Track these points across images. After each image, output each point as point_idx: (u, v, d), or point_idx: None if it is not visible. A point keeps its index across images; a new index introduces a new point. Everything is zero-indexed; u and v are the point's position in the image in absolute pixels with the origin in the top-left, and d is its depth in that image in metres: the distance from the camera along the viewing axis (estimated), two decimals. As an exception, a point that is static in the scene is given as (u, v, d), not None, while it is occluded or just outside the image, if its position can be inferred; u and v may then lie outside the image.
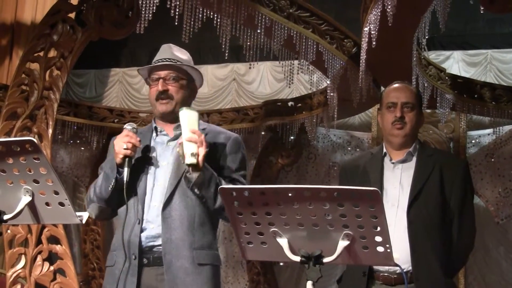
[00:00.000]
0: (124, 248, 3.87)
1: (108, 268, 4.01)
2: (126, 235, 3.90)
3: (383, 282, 4.29)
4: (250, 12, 6.99)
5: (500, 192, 10.03)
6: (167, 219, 3.89)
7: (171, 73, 4.13)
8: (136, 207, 3.95)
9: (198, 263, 3.89)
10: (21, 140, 3.04)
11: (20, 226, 6.28)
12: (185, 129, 3.80)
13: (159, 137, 4.16)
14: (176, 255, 3.85)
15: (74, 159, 11.61)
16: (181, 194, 3.93)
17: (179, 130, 4.06)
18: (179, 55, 4.20)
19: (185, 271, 3.85)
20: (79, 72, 11.71)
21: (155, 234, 3.90)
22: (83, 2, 6.97)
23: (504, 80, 9.94)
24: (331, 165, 10.78)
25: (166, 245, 3.87)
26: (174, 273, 3.83)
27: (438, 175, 4.42)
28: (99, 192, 4.00)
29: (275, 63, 10.40)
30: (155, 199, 3.97)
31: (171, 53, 4.19)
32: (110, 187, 3.92)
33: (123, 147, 3.87)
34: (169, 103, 4.10)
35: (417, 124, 4.57)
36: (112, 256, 3.99)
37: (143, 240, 3.89)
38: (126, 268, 3.86)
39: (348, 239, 2.95)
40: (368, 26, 6.48)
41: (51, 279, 6.30)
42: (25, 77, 6.69)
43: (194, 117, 3.86)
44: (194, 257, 3.88)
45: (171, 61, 4.13)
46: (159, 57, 4.19)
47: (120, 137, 3.94)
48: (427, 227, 4.31)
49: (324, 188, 2.88)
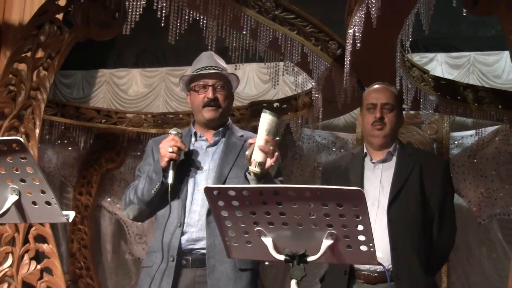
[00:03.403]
0: (162, 250, 3.92)
1: (145, 269, 4.05)
2: (167, 237, 3.95)
3: (364, 281, 4.31)
4: (236, 14, 6.99)
5: (482, 192, 10.07)
6: (211, 224, 3.90)
7: (219, 82, 4.18)
8: (178, 210, 3.98)
9: (240, 268, 3.95)
10: (8, 140, 3.03)
11: (7, 225, 6.27)
12: (261, 135, 3.78)
13: (198, 142, 4.22)
14: (220, 260, 3.89)
15: (61, 159, 11.60)
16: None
17: (218, 137, 4.19)
18: (222, 64, 4.25)
19: (227, 276, 3.90)
20: (67, 72, 11.69)
21: (196, 237, 3.95)
22: (70, 3, 6.96)
23: (487, 82, 9.98)
24: (316, 165, 10.79)
25: (210, 250, 3.92)
26: (217, 277, 3.89)
27: (418, 174, 4.44)
28: (141, 194, 4.04)
29: (260, 65, 10.40)
30: (196, 203, 4.01)
31: (215, 61, 4.23)
32: (154, 190, 3.97)
33: (169, 151, 3.90)
34: (216, 112, 4.16)
35: (396, 125, 4.59)
36: (151, 257, 4.02)
37: (183, 243, 3.94)
38: (162, 269, 3.91)
39: (332, 238, 2.95)
40: (353, 28, 6.49)
41: (38, 278, 6.29)
42: (12, 77, 6.68)
43: (274, 125, 3.83)
44: (236, 262, 3.93)
45: (217, 69, 4.17)
46: (203, 64, 4.22)
47: (166, 141, 3.97)
48: (407, 226, 4.33)
49: (308, 188, 2.88)
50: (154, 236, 4.09)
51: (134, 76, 11.62)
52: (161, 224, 4.00)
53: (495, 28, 9.53)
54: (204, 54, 4.31)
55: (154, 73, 11.30)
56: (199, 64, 4.21)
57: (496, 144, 10.10)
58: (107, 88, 11.94)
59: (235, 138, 4.20)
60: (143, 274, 4.05)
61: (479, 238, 10.06)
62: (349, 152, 5.00)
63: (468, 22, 9.85)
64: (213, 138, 4.18)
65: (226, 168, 4.05)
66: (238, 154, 4.11)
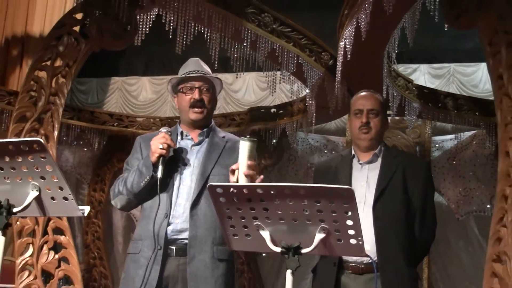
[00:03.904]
0: (154, 239, 3.93)
1: (131, 255, 4.03)
2: (156, 227, 3.96)
3: (352, 271, 4.30)
4: (237, 27, 7.01)
5: (460, 191, 10.08)
6: (194, 217, 3.95)
7: (204, 84, 4.20)
8: (165, 203, 3.99)
9: (218, 258, 3.96)
10: (29, 141, 3.04)
11: (28, 218, 6.26)
12: (243, 160, 3.69)
13: (183, 140, 4.21)
14: (199, 250, 3.92)
15: (77, 159, 11.59)
16: (206, 196, 3.96)
17: (202, 137, 4.20)
18: (207, 69, 4.28)
19: (205, 265, 3.91)
20: (82, 80, 11.70)
21: (180, 228, 3.95)
22: (86, 17, 6.97)
23: (465, 91, 9.99)
24: (309, 166, 10.78)
25: (192, 240, 3.93)
26: (196, 266, 3.90)
27: (401, 174, 4.44)
28: (130, 186, 4.03)
29: (259, 74, 10.40)
30: (181, 197, 4.02)
31: (201, 66, 4.26)
32: (144, 182, 3.97)
33: (159, 147, 3.92)
34: (202, 112, 4.18)
35: (382, 129, 4.58)
36: (137, 244, 4.01)
37: (169, 233, 3.94)
38: (149, 256, 3.92)
39: (324, 232, 2.95)
40: (344, 40, 6.49)
41: (56, 267, 6.29)
42: (33, 84, 6.67)
43: (253, 149, 3.73)
44: (214, 253, 3.95)
45: (203, 73, 4.20)
46: (191, 68, 4.24)
47: (157, 138, 3.98)
48: (391, 222, 4.32)
49: (303, 186, 2.88)
50: (139, 225, 4.09)
51: (144, 83, 11.63)
52: (149, 215, 4.01)
53: (473, 41, 9.53)
54: (191, 60, 4.34)
55: (162, 80, 11.30)
56: (186, 69, 4.23)
57: (473, 148, 10.10)
58: (119, 94, 11.94)
59: (218, 139, 4.21)
60: (129, 261, 4.04)
61: (457, 233, 10.07)
62: (339, 154, 5.01)
63: (448, 36, 9.85)
64: (198, 137, 4.19)
65: (209, 165, 4.07)
66: (220, 153, 4.13)
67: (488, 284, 5.17)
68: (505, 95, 5.37)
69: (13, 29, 10.70)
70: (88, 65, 7.39)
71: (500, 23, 5.48)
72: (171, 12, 6.83)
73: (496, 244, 5.20)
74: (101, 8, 6.94)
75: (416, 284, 4.44)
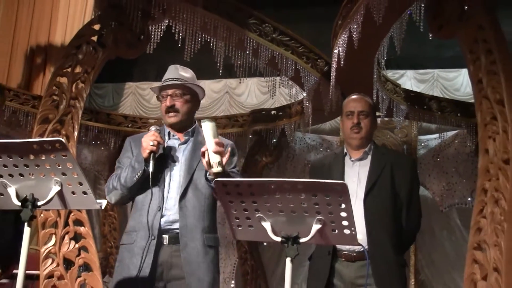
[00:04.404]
0: (148, 230, 3.94)
1: (126, 246, 4.04)
2: (149, 219, 3.97)
3: (345, 259, 4.32)
4: (240, 37, 7.01)
5: (444, 186, 10.08)
6: (183, 208, 3.98)
7: (176, 91, 4.18)
8: (158, 197, 4.01)
9: (208, 245, 3.99)
10: (52, 140, 3.06)
11: (51, 211, 6.26)
12: (210, 140, 3.78)
13: (171, 140, 4.22)
14: (191, 238, 3.95)
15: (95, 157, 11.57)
16: (193, 188, 4.02)
17: (188, 136, 4.22)
18: (183, 74, 4.25)
19: (197, 251, 3.94)
20: (100, 85, 11.69)
21: (172, 219, 3.97)
22: (103, 28, 6.96)
23: (448, 94, 9.99)
24: (306, 163, 10.77)
25: (183, 230, 3.95)
26: (189, 252, 3.92)
27: (389, 171, 4.45)
28: (123, 181, 4.04)
29: (260, 79, 10.39)
30: (172, 191, 4.03)
31: (177, 73, 4.24)
32: (136, 177, 3.98)
33: (150, 144, 3.93)
34: (176, 116, 4.17)
35: (371, 129, 4.59)
36: (131, 236, 4.01)
37: (162, 224, 3.96)
38: (142, 246, 3.93)
39: (320, 223, 2.95)
40: (338, 48, 6.49)
41: (76, 255, 6.28)
42: (55, 89, 6.67)
43: (215, 128, 3.84)
44: (204, 240, 3.98)
45: (177, 80, 4.18)
46: (167, 76, 4.24)
47: (148, 136, 3.99)
48: (380, 214, 4.34)
49: (301, 181, 2.89)
50: (132, 217, 4.09)
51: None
52: (141, 208, 4.02)
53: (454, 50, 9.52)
54: (169, 67, 4.34)
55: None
56: (164, 77, 4.26)
57: (455, 146, 10.09)
58: (132, 98, 11.94)
59: (201, 137, 4.15)
60: (123, 251, 4.04)
61: (441, 223, 10.06)
62: (333, 152, 5.01)
63: (432, 44, 9.84)
64: (184, 137, 4.21)
65: (194, 162, 4.08)
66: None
67: (469, 270, 5.17)
68: (485, 97, 5.37)
69: (37, 39, 10.71)
70: (105, 71, 7.39)
71: (479, 33, 5.48)
72: (180, 23, 6.83)
73: (477, 234, 5.20)
74: (117, 19, 6.94)
75: (404, 270, 4.46)
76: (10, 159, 3.11)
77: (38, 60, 10.65)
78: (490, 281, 4.92)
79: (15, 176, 3.18)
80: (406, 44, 6.52)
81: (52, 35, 10.77)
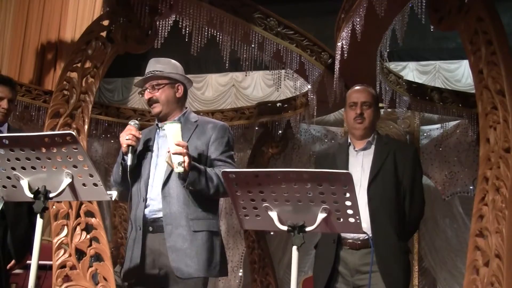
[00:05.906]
0: (131, 222, 4.03)
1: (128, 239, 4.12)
2: (134, 211, 4.05)
3: (349, 247, 4.34)
4: (246, 31, 7.00)
5: (446, 175, 10.05)
6: (166, 197, 3.99)
7: (152, 83, 4.26)
8: (140, 188, 4.05)
9: (194, 230, 3.96)
10: (63, 134, 3.07)
11: (62, 203, 6.27)
12: (171, 142, 3.83)
13: (161, 132, 4.24)
14: (176, 225, 3.95)
15: (105, 150, 11.57)
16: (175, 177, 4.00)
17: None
18: (158, 65, 4.31)
19: (183, 237, 3.93)
20: (109, 79, 11.68)
21: (157, 208, 4.00)
22: (112, 24, 6.96)
23: (449, 85, 9.94)
24: (311, 154, 10.75)
25: (167, 218, 3.96)
26: (174, 239, 3.93)
27: (392, 159, 4.45)
28: (115, 178, 4.17)
29: (266, 72, 10.36)
30: (157, 181, 4.06)
31: (152, 66, 4.31)
32: (120, 171, 4.05)
33: (126, 138, 4.02)
34: (157, 107, 4.25)
35: (374, 119, 4.59)
36: (129, 228, 4.11)
37: (147, 214, 4.00)
38: (132, 237, 4.02)
39: (325, 212, 2.96)
40: (341, 41, 6.47)
41: (88, 245, 6.29)
42: (66, 83, 6.67)
43: (177, 130, 3.87)
44: (190, 226, 3.96)
45: (151, 73, 4.26)
46: (146, 71, 4.32)
47: (124, 132, 4.08)
48: (384, 202, 4.34)
49: (306, 171, 2.89)
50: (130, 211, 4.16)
51: (163, 82, 11.57)
52: (133, 201, 4.10)
53: (456, 41, 9.50)
54: (149, 61, 4.39)
55: (180, 79, 11.25)
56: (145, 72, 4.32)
57: (457, 136, 10.07)
58: (141, 92, 11.93)
59: (189, 124, 4.20)
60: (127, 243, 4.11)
61: (443, 211, 10.04)
62: (337, 143, 5.04)
63: (434, 37, 9.82)
64: None
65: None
66: (190, 137, 4.12)
67: (471, 256, 5.16)
68: (485, 88, 5.36)
69: (48, 36, 10.74)
70: (114, 66, 7.37)
71: (479, 24, 5.46)
72: (187, 18, 6.82)
73: (479, 221, 5.19)
74: (125, 15, 6.93)
75: (407, 257, 4.46)
76: (23, 152, 3.13)
77: (49, 56, 10.67)
78: (492, 267, 4.91)
79: (27, 169, 3.19)
80: (408, 37, 6.51)
81: (62, 31, 10.78)
